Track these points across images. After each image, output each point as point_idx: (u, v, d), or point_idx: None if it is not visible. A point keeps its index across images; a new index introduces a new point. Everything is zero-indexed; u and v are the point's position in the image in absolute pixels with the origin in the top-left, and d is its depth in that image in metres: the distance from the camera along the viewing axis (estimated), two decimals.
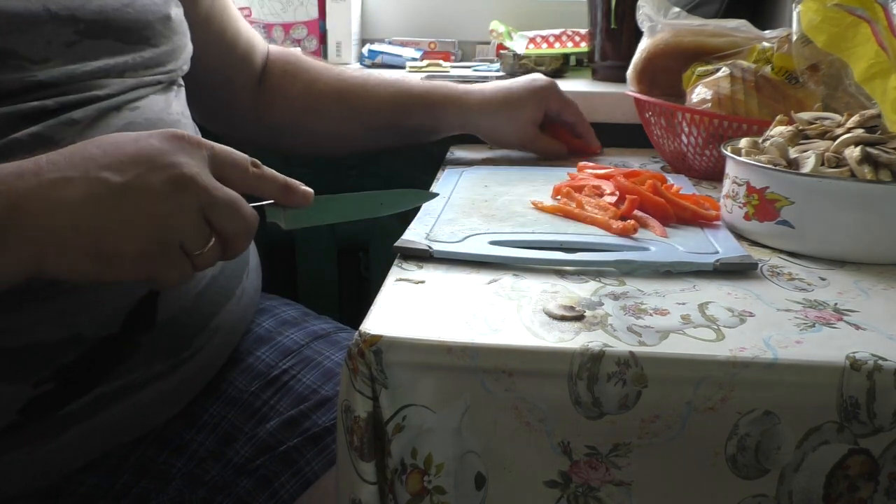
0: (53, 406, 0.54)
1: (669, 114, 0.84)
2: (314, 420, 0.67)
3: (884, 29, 0.65)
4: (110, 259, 0.44)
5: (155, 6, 0.63)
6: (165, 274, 0.46)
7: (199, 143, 0.48)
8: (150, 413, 0.62)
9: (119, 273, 0.45)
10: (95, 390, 0.56)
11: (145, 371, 0.59)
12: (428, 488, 0.44)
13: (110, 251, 0.44)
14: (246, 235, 0.50)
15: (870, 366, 0.42)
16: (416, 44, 1.29)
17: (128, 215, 0.44)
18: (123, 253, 0.44)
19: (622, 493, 0.44)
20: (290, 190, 0.53)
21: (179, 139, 0.48)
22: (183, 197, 0.45)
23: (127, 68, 0.61)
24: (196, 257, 0.47)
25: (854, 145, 0.59)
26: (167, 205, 0.45)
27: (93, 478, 0.60)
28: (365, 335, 0.44)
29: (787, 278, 0.55)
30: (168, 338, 0.61)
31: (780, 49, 0.81)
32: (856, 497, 0.43)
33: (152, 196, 0.45)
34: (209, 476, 0.64)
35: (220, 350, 0.68)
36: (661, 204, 0.65)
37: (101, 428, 0.58)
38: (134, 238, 0.44)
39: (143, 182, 0.45)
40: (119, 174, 0.44)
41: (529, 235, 0.60)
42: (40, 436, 0.55)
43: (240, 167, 0.50)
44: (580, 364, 0.42)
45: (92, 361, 0.56)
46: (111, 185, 0.44)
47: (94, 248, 0.44)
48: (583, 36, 1.20)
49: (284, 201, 0.54)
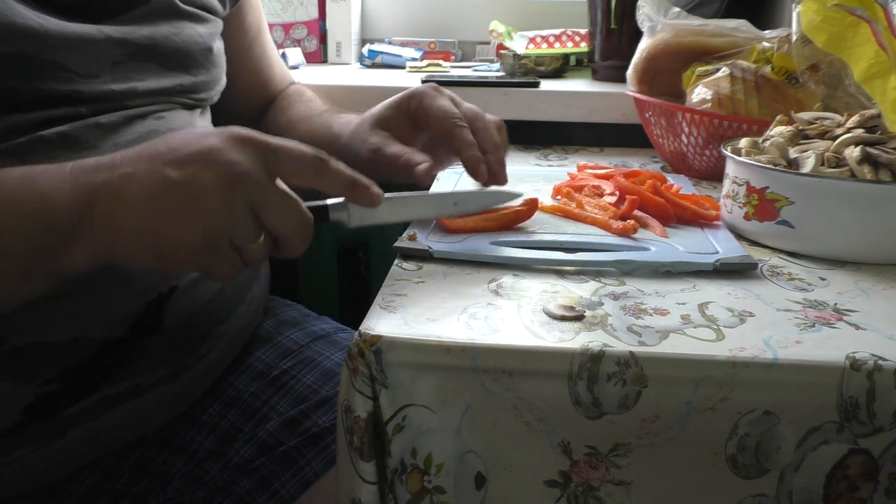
0: (57, 407, 0.55)
1: (669, 114, 0.84)
2: (314, 420, 0.67)
3: (884, 29, 0.65)
4: (167, 255, 0.47)
5: (200, 38, 0.66)
6: (218, 267, 0.48)
7: (258, 142, 0.49)
8: (152, 416, 0.62)
9: (176, 266, 0.48)
10: (99, 393, 0.56)
11: (149, 375, 0.59)
12: (428, 488, 0.44)
13: (167, 249, 0.47)
14: (299, 234, 0.50)
15: (870, 366, 0.42)
16: (416, 44, 1.29)
17: (180, 213, 0.46)
18: (178, 249, 0.46)
19: (622, 492, 0.44)
20: (358, 189, 0.53)
21: (240, 138, 0.48)
22: (232, 194, 0.46)
23: (163, 91, 0.63)
24: (246, 252, 0.48)
25: (854, 145, 0.59)
26: (217, 201, 0.46)
27: (92, 478, 0.61)
28: (365, 335, 0.44)
29: (787, 278, 0.55)
30: (174, 343, 0.61)
31: (780, 49, 0.81)
32: (856, 497, 0.43)
33: (203, 193, 0.46)
34: (209, 476, 0.64)
35: (225, 355, 0.69)
36: (661, 204, 0.65)
37: (103, 430, 0.58)
38: (186, 235, 0.46)
39: (197, 179, 0.46)
40: (177, 170, 0.46)
41: (529, 235, 0.60)
42: (43, 436, 0.55)
43: (301, 164, 0.50)
44: (580, 364, 0.42)
45: (97, 364, 0.56)
46: (168, 181, 0.46)
47: (154, 246, 0.47)
48: (583, 36, 1.20)
49: (352, 199, 0.53)
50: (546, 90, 1.01)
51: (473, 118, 0.65)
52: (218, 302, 0.65)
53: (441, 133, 0.64)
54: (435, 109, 0.64)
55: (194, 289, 0.63)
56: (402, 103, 0.67)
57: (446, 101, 0.66)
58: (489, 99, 1.00)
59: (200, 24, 0.67)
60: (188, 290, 0.62)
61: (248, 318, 0.72)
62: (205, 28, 0.68)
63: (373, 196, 0.53)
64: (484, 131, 0.64)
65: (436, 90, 0.67)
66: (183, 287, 0.61)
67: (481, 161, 0.62)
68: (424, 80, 1.02)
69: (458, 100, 0.67)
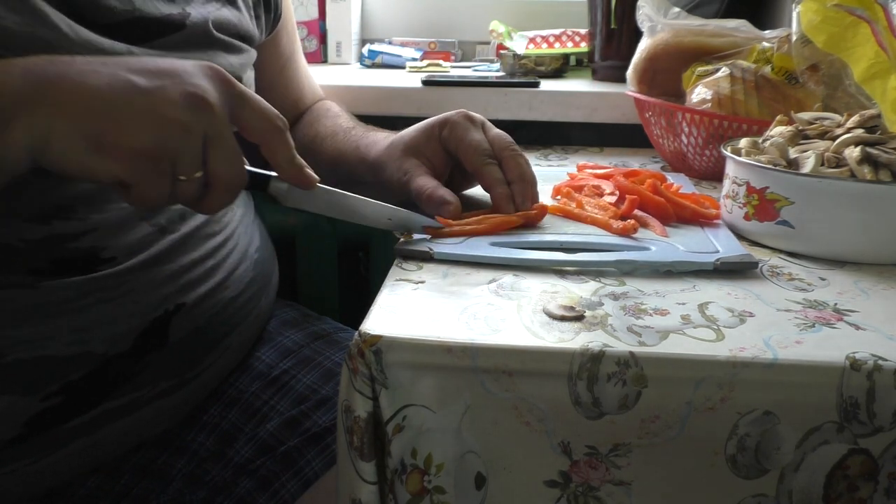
0: (59, 420, 0.55)
1: (669, 114, 0.84)
2: (314, 420, 0.67)
3: (884, 29, 0.65)
4: (108, 149, 0.44)
5: (231, 68, 0.66)
6: (147, 184, 0.46)
7: (229, 81, 0.49)
8: (151, 426, 0.62)
9: (110, 166, 0.44)
10: (101, 407, 0.57)
11: (150, 389, 0.59)
12: (428, 488, 0.44)
13: (111, 140, 0.44)
14: (229, 188, 0.49)
15: (870, 366, 0.42)
16: (416, 44, 1.29)
17: (138, 112, 0.45)
18: (121, 144, 0.44)
19: (622, 492, 0.44)
20: (297, 168, 0.53)
21: (214, 72, 0.48)
22: (193, 115, 0.46)
23: None
24: (178, 183, 0.47)
25: (854, 145, 0.59)
26: (177, 115, 0.45)
27: (93, 479, 0.61)
28: (365, 335, 0.44)
29: (787, 278, 0.55)
30: (178, 358, 0.61)
31: (780, 49, 0.81)
32: (855, 497, 0.43)
33: (166, 103, 0.45)
34: (209, 476, 0.64)
35: (227, 365, 0.69)
36: (661, 203, 0.64)
37: (102, 441, 0.58)
38: (136, 133, 0.44)
39: (162, 90, 0.45)
40: (144, 79, 0.46)
41: (529, 236, 0.60)
42: (43, 448, 0.55)
43: (261, 120, 0.50)
44: (580, 364, 0.42)
45: (100, 378, 0.56)
46: (133, 84, 0.45)
47: (98, 133, 0.44)
48: (583, 36, 1.20)
49: (287, 176, 0.53)
50: (546, 90, 1.01)
51: (501, 148, 0.65)
52: (223, 317, 0.65)
53: (471, 168, 0.65)
54: (466, 143, 0.65)
55: (200, 306, 0.62)
56: (433, 130, 0.67)
57: (478, 133, 0.66)
58: (489, 99, 1.00)
59: (233, 54, 0.68)
60: (194, 307, 0.62)
61: (254, 329, 0.72)
62: (237, 58, 0.68)
63: (308, 178, 0.53)
64: (510, 160, 0.64)
65: (467, 118, 0.66)
66: (189, 304, 0.61)
67: (510, 200, 0.63)
68: (425, 80, 1.02)
69: (488, 125, 0.67)
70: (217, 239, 0.66)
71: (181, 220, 0.62)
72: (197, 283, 0.62)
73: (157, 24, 0.60)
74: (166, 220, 0.61)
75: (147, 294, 0.58)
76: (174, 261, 0.61)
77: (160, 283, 0.59)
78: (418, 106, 1.00)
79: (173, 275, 0.60)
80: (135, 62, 0.47)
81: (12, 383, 0.52)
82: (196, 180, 0.47)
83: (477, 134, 0.65)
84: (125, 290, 0.57)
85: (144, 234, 0.59)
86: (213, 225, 0.66)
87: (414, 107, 1.00)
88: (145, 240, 0.59)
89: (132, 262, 0.58)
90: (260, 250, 0.74)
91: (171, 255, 0.60)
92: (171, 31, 0.61)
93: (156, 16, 0.60)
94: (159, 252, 0.60)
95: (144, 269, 0.58)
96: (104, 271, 0.56)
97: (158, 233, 0.60)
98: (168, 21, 0.61)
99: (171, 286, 0.60)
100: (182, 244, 0.62)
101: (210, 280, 0.64)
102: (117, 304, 0.56)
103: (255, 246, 0.74)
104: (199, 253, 0.63)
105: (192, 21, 0.63)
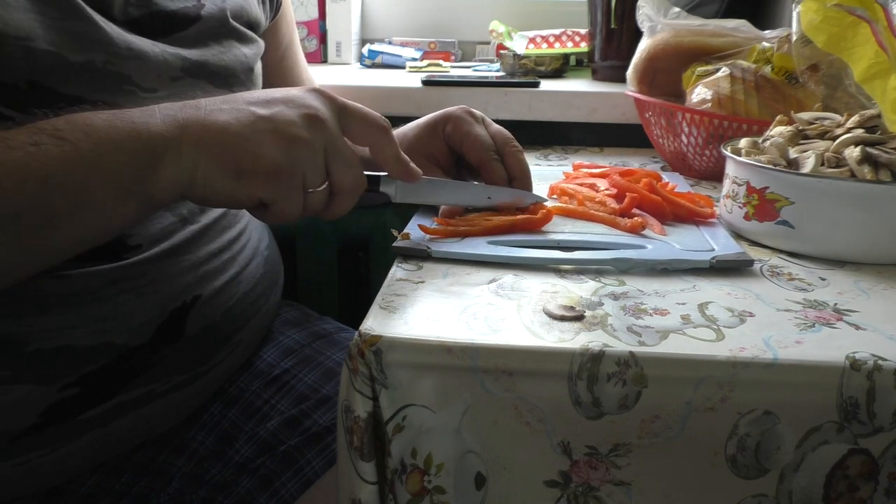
0: (74, 411, 0.55)
1: (669, 114, 0.84)
2: (315, 419, 0.67)
3: (884, 29, 0.65)
4: (247, 175, 0.49)
5: (244, 58, 0.68)
6: (285, 200, 0.50)
7: (332, 97, 0.53)
8: (161, 420, 0.63)
9: (251, 189, 0.49)
10: (116, 398, 0.57)
11: (164, 383, 0.60)
12: (428, 488, 0.44)
13: (248, 167, 0.49)
14: (351, 193, 0.53)
15: (870, 366, 0.42)
16: (416, 44, 1.29)
17: (266, 136, 0.49)
18: (257, 168, 0.49)
19: (622, 492, 0.44)
20: (402, 164, 0.57)
21: (318, 91, 0.53)
22: (313, 131, 0.50)
23: None
24: (309, 195, 0.51)
25: (854, 145, 0.59)
26: (299, 133, 0.50)
27: (93, 478, 0.61)
28: (365, 335, 0.44)
29: (787, 278, 0.55)
30: (192, 351, 0.62)
31: (780, 49, 0.81)
32: (855, 497, 0.43)
33: (288, 124, 0.50)
34: (209, 475, 0.64)
35: (238, 361, 0.70)
36: (658, 202, 0.65)
37: (114, 434, 0.58)
38: (268, 155, 0.49)
39: (282, 115, 0.50)
40: (263, 108, 0.51)
41: (527, 235, 0.60)
42: (57, 440, 0.55)
43: (366, 125, 0.55)
44: (580, 364, 0.42)
45: (117, 370, 0.56)
46: (255, 114, 0.50)
47: (236, 162, 0.49)
48: (583, 36, 1.20)
49: (395, 172, 0.57)
50: (546, 90, 1.01)
51: (503, 143, 0.66)
52: (237, 311, 0.66)
53: (477, 163, 0.66)
54: (471, 139, 0.66)
55: (216, 298, 0.63)
56: (436, 126, 0.68)
57: (480, 128, 0.67)
58: (489, 99, 1.00)
59: (245, 44, 0.69)
60: (210, 299, 0.63)
61: (262, 327, 0.73)
62: (249, 49, 0.70)
63: (413, 172, 0.58)
64: (512, 157, 0.66)
65: (468, 114, 0.68)
66: (205, 297, 0.62)
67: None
68: (425, 80, 1.02)
69: (488, 121, 0.69)
70: (232, 232, 0.67)
71: (201, 212, 0.63)
72: (214, 275, 0.63)
73: (172, 18, 0.61)
74: (188, 211, 0.62)
75: (168, 284, 0.59)
76: (194, 251, 0.62)
77: (181, 273, 0.60)
78: (418, 106, 1.00)
79: (193, 265, 0.61)
80: (249, 95, 0.52)
81: (32, 372, 0.53)
82: (324, 190, 0.52)
83: (480, 129, 0.67)
84: (148, 280, 0.58)
85: (167, 224, 0.60)
86: (230, 218, 0.67)
87: (414, 107, 1.00)
88: (168, 229, 0.60)
89: (156, 251, 0.59)
90: (269, 248, 0.76)
91: (191, 245, 0.62)
92: (187, 25, 0.62)
93: (171, 9, 0.61)
94: (181, 242, 0.61)
95: (167, 259, 0.59)
96: (130, 259, 0.57)
97: (180, 223, 0.61)
98: (182, 14, 0.62)
99: (190, 276, 0.61)
100: (202, 235, 0.63)
101: (226, 273, 0.65)
102: (140, 294, 0.57)
103: (265, 243, 0.75)
104: (216, 245, 0.64)
105: (207, 12, 0.64)
